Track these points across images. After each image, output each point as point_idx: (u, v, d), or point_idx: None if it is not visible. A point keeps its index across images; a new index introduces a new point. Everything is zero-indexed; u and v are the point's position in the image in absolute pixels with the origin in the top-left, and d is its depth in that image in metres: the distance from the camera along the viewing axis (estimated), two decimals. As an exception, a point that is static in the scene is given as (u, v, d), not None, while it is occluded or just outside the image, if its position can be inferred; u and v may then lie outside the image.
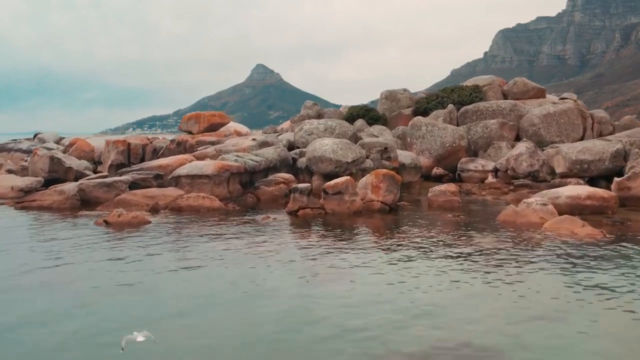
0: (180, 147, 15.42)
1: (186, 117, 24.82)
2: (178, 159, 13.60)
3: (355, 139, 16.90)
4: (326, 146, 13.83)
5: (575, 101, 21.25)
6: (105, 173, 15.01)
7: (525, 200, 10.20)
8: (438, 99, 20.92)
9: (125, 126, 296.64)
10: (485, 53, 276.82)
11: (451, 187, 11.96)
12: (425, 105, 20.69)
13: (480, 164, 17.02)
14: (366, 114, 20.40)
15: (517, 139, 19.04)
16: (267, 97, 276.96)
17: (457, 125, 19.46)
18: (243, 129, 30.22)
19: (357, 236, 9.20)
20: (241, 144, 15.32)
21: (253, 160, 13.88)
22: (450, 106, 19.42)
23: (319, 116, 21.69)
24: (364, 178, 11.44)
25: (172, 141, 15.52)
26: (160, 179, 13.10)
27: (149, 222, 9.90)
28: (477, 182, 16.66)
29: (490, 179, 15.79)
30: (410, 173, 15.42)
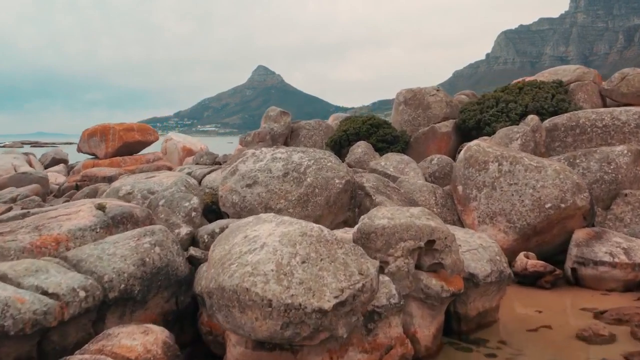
0: None
1: (87, 132, 15.35)
2: None
3: (350, 196, 7.48)
4: (261, 252, 4.40)
5: None
6: None
7: None
8: (499, 103, 11.48)
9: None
10: (488, 54, 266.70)
11: None
12: (477, 115, 11.26)
13: (619, 245, 7.60)
14: (373, 132, 11.00)
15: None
16: (268, 98, 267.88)
17: (545, 154, 10.05)
18: (196, 145, 20.87)
19: None
20: (49, 230, 5.80)
21: (42, 298, 4.50)
22: (534, 119, 9.93)
23: (292, 133, 12.29)
24: None
25: None
26: None
27: None
28: (616, 288, 7.36)
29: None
30: (487, 294, 5.94)
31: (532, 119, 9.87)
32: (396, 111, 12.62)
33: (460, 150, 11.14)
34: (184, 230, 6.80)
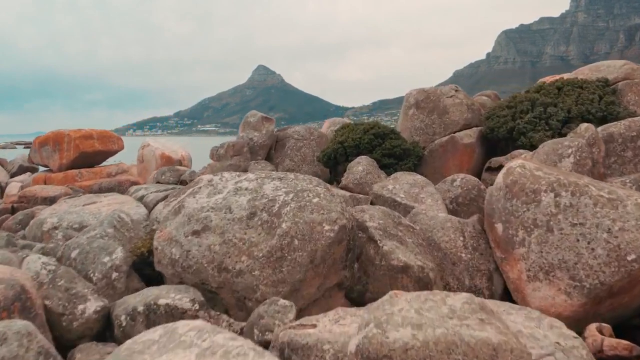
0: None
1: (39, 140, 12.94)
2: None
3: (346, 247, 5.07)
4: None
5: None
6: None
7: None
8: (535, 107, 9.07)
9: (125, 127, 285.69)
10: (488, 54, 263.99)
11: None
12: (509, 122, 8.84)
13: None
14: (377, 144, 8.58)
15: None
16: (268, 98, 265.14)
17: (603, 176, 7.65)
18: (176, 152, 18.50)
19: None
20: None
21: None
22: (590, 128, 7.53)
23: (276, 144, 9.90)
24: None
25: None
26: None
27: None
28: None
29: None
30: None
31: (587, 128, 7.47)
32: (405, 116, 10.20)
33: (489, 167, 8.76)
34: (92, 306, 4.44)
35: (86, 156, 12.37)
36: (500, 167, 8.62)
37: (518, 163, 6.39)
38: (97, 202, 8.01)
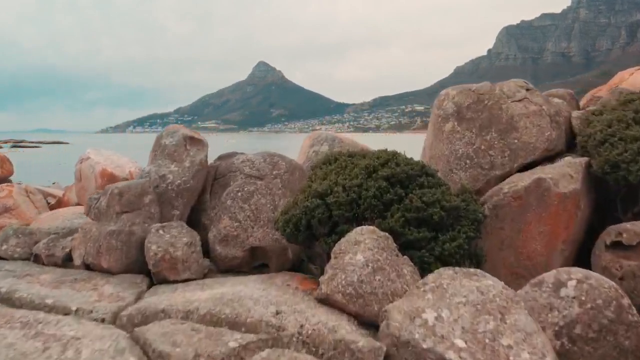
0: None
1: None
2: None
3: None
4: None
5: None
6: None
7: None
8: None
9: (125, 124, 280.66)
10: (489, 50, 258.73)
11: None
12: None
13: None
14: (397, 198, 4.33)
15: None
16: (268, 95, 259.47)
17: None
18: (123, 167, 14.11)
19: None
20: None
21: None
22: None
23: (213, 184, 5.54)
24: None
25: None
26: None
27: None
28: None
29: None
30: None
31: None
32: (437, 134, 5.88)
33: (616, 242, 4.41)
34: None
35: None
36: (643, 245, 4.27)
37: None
38: None
